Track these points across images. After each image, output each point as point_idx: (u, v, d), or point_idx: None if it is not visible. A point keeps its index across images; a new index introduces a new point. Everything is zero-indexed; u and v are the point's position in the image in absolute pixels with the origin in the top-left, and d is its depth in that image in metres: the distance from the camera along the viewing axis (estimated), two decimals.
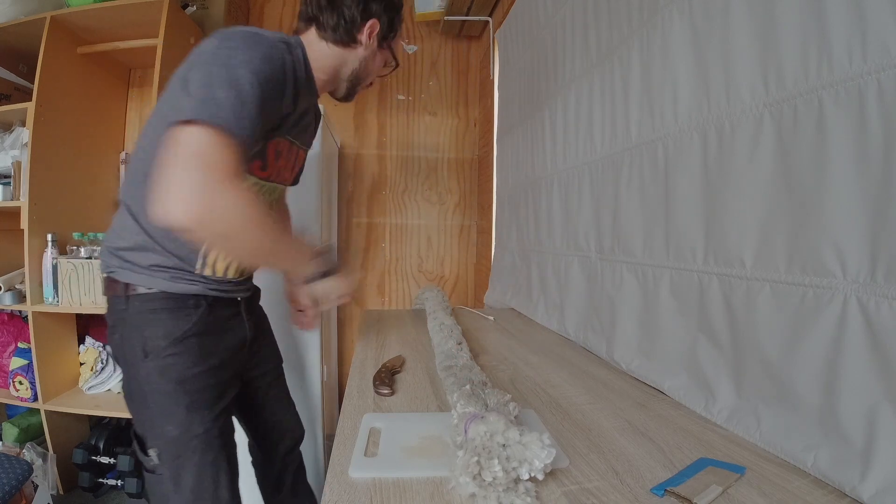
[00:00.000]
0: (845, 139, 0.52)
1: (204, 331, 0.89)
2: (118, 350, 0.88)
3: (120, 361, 0.89)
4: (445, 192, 2.47)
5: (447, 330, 1.09)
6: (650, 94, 0.89)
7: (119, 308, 0.87)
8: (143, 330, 0.85)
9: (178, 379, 0.85)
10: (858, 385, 0.51)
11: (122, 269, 0.87)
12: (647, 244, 0.91)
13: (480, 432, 0.52)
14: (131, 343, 0.85)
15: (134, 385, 0.87)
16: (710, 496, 0.50)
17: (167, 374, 0.85)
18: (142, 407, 0.87)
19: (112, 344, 0.90)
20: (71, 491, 1.91)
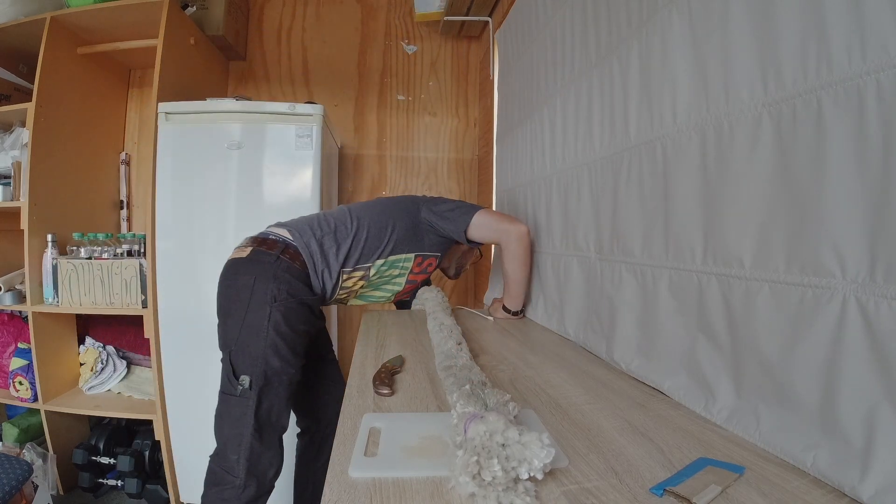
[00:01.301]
0: (844, 139, 0.52)
1: (312, 306, 1.20)
2: (245, 290, 1.11)
3: (240, 300, 1.11)
4: (445, 193, 2.47)
5: (447, 330, 1.09)
6: (649, 94, 0.89)
7: (267, 260, 1.14)
8: (280, 283, 1.12)
9: (292, 326, 1.12)
10: (858, 385, 0.51)
11: (306, 245, 1.20)
12: (647, 244, 0.91)
13: (480, 432, 0.52)
14: (265, 288, 1.10)
15: (253, 319, 1.09)
16: (710, 496, 0.50)
17: (287, 319, 1.11)
18: (253, 339, 1.08)
19: (236, 286, 1.13)
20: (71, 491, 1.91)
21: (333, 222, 1.27)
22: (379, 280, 1.34)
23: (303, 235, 1.21)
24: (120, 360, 2.03)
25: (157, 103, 1.73)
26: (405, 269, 1.36)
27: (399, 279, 1.38)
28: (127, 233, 2.13)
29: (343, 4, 2.42)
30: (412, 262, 1.37)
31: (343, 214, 1.31)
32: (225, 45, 2.22)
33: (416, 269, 1.39)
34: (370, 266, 1.29)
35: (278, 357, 1.09)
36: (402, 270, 1.36)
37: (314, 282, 1.21)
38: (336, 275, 1.24)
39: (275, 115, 1.73)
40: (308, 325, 1.18)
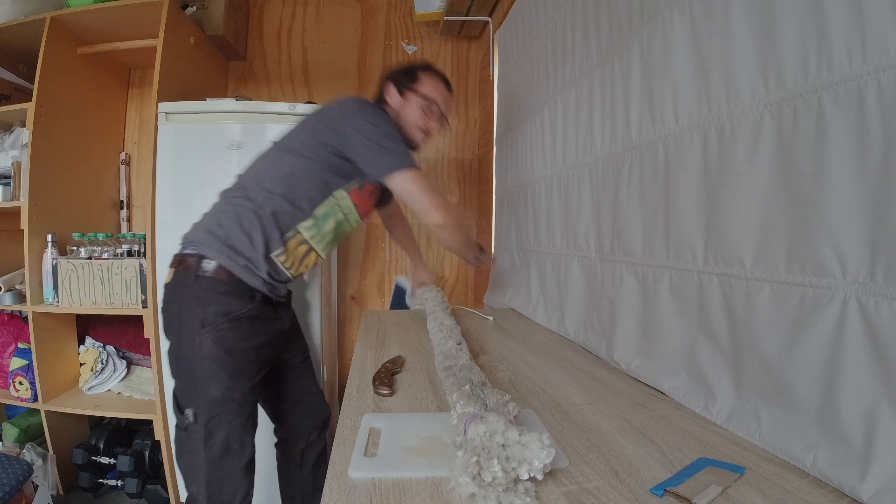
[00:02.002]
0: (845, 139, 0.52)
1: (254, 316, 1.08)
2: (174, 320, 1.05)
3: (171, 330, 1.06)
4: (445, 193, 2.47)
5: (447, 330, 1.09)
6: (650, 95, 0.89)
7: (186, 283, 1.05)
8: (206, 305, 1.03)
9: (228, 349, 1.03)
10: (858, 385, 0.51)
11: (209, 246, 1.06)
12: (647, 244, 0.91)
13: (480, 432, 0.52)
14: (191, 314, 1.02)
15: (185, 350, 1.02)
16: (710, 496, 0.50)
17: (221, 343, 1.02)
18: (189, 370, 1.02)
19: (168, 313, 1.07)
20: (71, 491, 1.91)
21: (234, 214, 1.09)
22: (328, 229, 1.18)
23: (212, 243, 1.06)
24: (120, 360, 2.02)
25: (157, 103, 1.72)
26: (347, 207, 1.19)
27: (350, 216, 1.21)
28: (127, 233, 2.13)
29: (343, 4, 2.42)
30: (349, 199, 1.19)
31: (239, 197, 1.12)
32: (225, 45, 2.22)
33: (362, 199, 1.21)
34: (298, 232, 1.13)
35: (219, 386, 1.01)
36: (346, 210, 1.19)
37: (250, 282, 1.07)
38: (264, 264, 1.08)
39: (275, 115, 1.73)
40: (256, 339, 1.08)
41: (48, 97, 1.80)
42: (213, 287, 1.04)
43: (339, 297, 2.36)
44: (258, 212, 1.09)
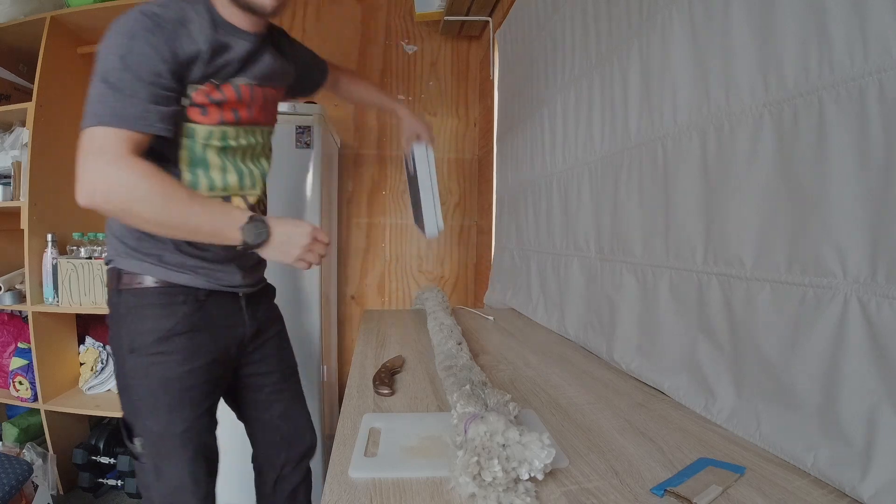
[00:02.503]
0: (846, 139, 0.52)
1: (192, 328, 0.89)
2: (110, 342, 0.92)
3: (112, 353, 0.93)
4: (445, 192, 2.47)
5: (447, 330, 1.09)
6: (650, 94, 0.89)
7: (113, 301, 0.90)
8: (131, 325, 0.87)
9: (161, 378, 0.86)
10: (858, 385, 0.50)
11: (118, 254, 0.90)
12: (647, 244, 0.91)
13: (480, 432, 0.52)
14: (118, 337, 0.88)
15: (121, 377, 0.90)
16: (710, 496, 0.50)
17: (151, 373, 0.86)
18: (127, 399, 0.89)
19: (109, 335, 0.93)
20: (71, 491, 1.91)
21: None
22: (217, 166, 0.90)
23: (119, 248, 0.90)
24: None
25: None
26: (210, 132, 0.87)
27: (228, 136, 0.90)
28: None
29: (343, 4, 2.42)
30: (200, 125, 0.86)
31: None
32: None
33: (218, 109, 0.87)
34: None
35: (157, 420, 0.86)
36: (212, 136, 0.87)
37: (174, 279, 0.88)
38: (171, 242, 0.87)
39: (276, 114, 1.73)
40: (197, 359, 0.88)
41: (48, 97, 1.80)
42: (134, 301, 0.87)
43: (339, 297, 2.36)
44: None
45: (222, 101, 0.87)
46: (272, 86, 0.98)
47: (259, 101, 0.94)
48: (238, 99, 0.89)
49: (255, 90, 0.92)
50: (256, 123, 0.96)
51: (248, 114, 0.93)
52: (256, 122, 0.96)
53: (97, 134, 0.73)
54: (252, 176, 0.96)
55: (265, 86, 0.95)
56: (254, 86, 0.92)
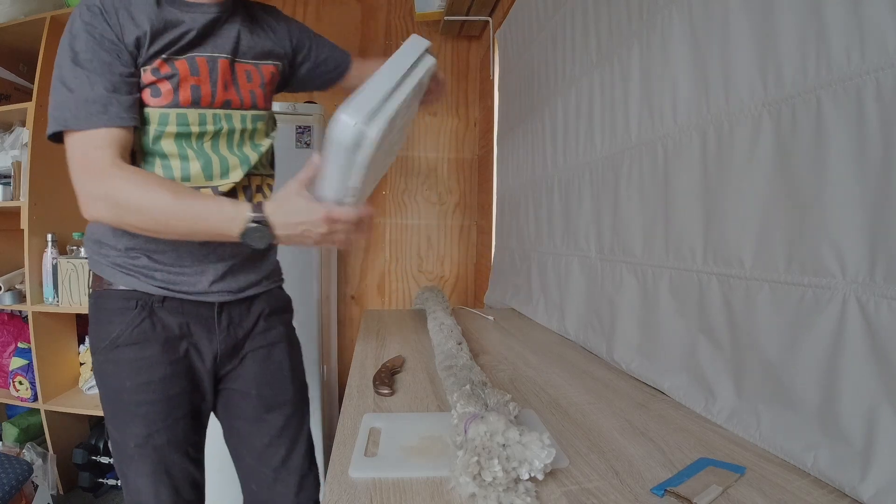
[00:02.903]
0: (844, 138, 0.52)
1: (138, 339, 0.80)
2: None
3: None
4: (445, 192, 2.47)
5: (447, 330, 1.09)
6: (650, 94, 0.89)
7: (89, 304, 0.86)
8: (92, 327, 0.84)
9: (112, 389, 0.82)
10: (858, 385, 0.51)
11: (89, 251, 0.86)
12: (647, 244, 0.91)
13: (480, 432, 0.52)
14: (91, 339, 0.85)
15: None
16: (710, 496, 0.50)
17: (105, 382, 0.82)
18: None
19: None
20: (71, 491, 1.91)
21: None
22: (175, 154, 0.81)
23: (89, 248, 0.86)
24: None
25: None
26: (166, 117, 0.79)
27: (190, 121, 0.81)
28: None
29: (343, 4, 2.42)
30: (156, 109, 0.79)
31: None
32: None
33: (171, 89, 0.79)
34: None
35: (112, 425, 0.82)
36: (170, 122, 0.79)
37: (126, 282, 0.81)
38: (126, 240, 0.81)
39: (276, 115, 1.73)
40: (148, 373, 0.80)
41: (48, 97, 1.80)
42: (94, 303, 0.84)
43: (339, 297, 2.36)
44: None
45: (173, 76, 0.78)
46: (246, 61, 0.87)
47: (225, 76, 0.83)
48: (194, 72, 0.80)
49: (218, 63, 0.82)
50: (228, 105, 0.84)
51: (211, 91, 0.81)
52: (228, 104, 0.84)
53: (74, 144, 0.75)
54: (224, 163, 0.84)
55: (235, 60, 0.85)
56: (217, 59, 0.82)
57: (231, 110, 0.85)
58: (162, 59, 0.78)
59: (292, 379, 0.96)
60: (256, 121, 0.90)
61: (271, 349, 0.94)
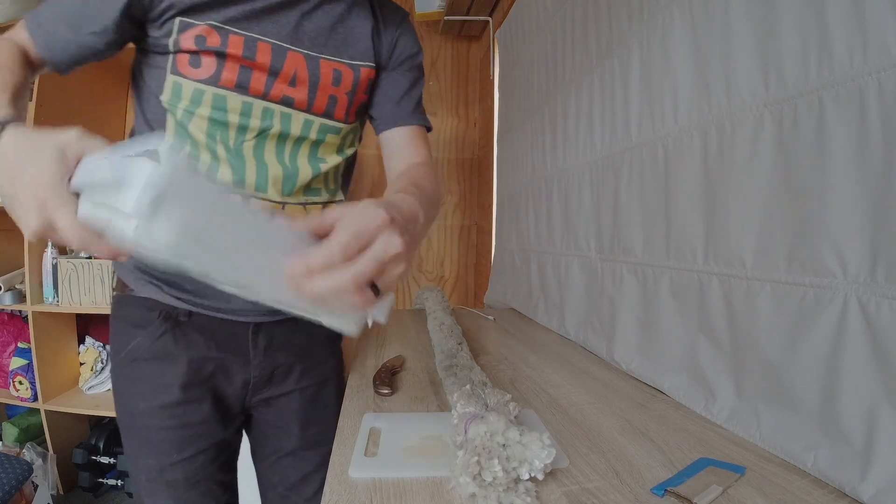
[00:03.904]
0: (846, 139, 0.52)
1: (158, 355, 0.71)
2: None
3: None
4: (445, 192, 2.47)
5: (447, 329, 1.09)
6: (650, 94, 0.89)
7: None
8: (112, 332, 0.75)
9: (126, 408, 0.73)
10: (858, 385, 0.51)
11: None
12: (647, 244, 0.91)
13: (480, 432, 0.52)
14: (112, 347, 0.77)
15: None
16: (711, 496, 0.50)
17: (118, 397, 0.74)
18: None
19: None
20: (71, 491, 1.91)
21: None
22: (203, 142, 0.68)
23: None
24: None
25: None
26: (199, 96, 0.66)
27: (230, 106, 0.66)
28: None
29: None
30: (189, 81, 0.66)
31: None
32: None
33: (218, 64, 0.65)
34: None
35: (126, 451, 0.76)
36: (206, 103, 0.66)
37: (149, 292, 0.72)
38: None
39: None
40: (168, 395, 0.71)
41: (48, 97, 1.80)
42: (116, 309, 0.75)
43: None
44: None
45: (221, 52, 0.64)
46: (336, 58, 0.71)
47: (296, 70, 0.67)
48: (248, 55, 0.65)
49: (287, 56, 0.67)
50: (289, 103, 0.69)
51: (265, 83, 0.67)
52: (289, 101, 0.69)
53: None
54: (262, 173, 0.69)
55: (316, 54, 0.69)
56: (287, 51, 0.67)
57: (292, 109, 0.70)
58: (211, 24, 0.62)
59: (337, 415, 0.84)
60: (326, 132, 0.73)
61: (321, 388, 0.84)
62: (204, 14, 0.63)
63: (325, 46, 0.70)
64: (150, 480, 0.72)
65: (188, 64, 0.64)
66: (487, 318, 1.53)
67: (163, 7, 0.62)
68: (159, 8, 0.62)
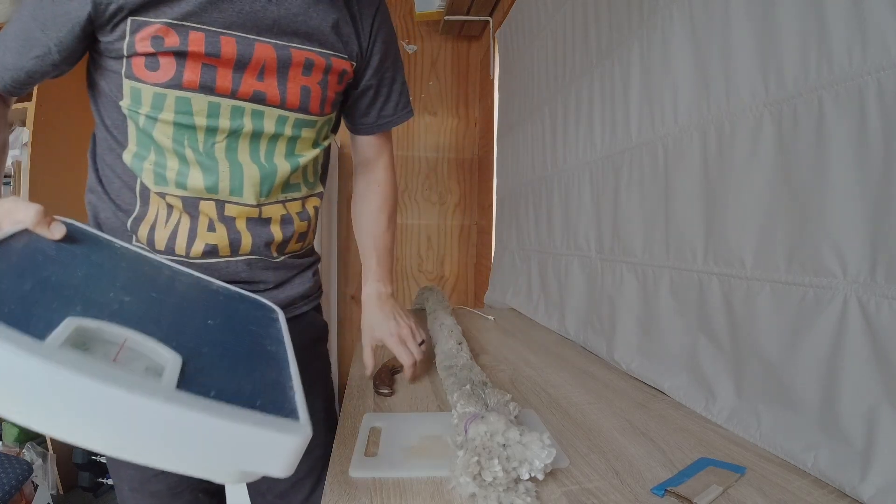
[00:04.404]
0: (845, 139, 0.52)
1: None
2: None
3: None
4: (445, 192, 2.47)
5: (447, 330, 1.09)
6: (650, 94, 0.89)
7: None
8: None
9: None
10: (858, 385, 0.51)
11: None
12: (648, 244, 0.91)
13: (480, 432, 0.52)
14: None
15: None
16: (711, 496, 0.50)
17: None
18: None
19: None
20: (71, 491, 1.91)
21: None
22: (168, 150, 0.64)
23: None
24: None
25: None
26: (153, 97, 0.62)
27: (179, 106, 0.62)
28: None
29: None
30: (142, 83, 0.62)
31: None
32: None
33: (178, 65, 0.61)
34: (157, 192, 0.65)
35: (108, 459, 0.75)
36: (166, 106, 0.62)
37: None
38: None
39: None
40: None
41: (48, 97, 1.80)
42: None
43: (339, 297, 2.36)
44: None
45: (181, 52, 0.59)
46: (308, 47, 0.66)
47: (266, 62, 0.63)
48: (211, 52, 0.60)
49: (254, 48, 0.62)
50: (260, 99, 0.65)
51: (232, 80, 0.62)
52: (261, 97, 0.65)
53: None
54: (237, 175, 0.66)
55: (286, 42, 0.64)
56: (254, 42, 0.62)
57: (264, 106, 0.65)
58: (167, 23, 0.58)
59: (326, 419, 0.83)
60: (301, 127, 0.70)
61: (307, 391, 0.81)
62: (157, 10, 0.58)
63: (294, 34, 0.65)
64: (132, 490, 0.71)
65: (144, 67, 0.60)
66: (487, 318, 1.52)
67: (111, 10, 0.58)
68: (108, 13, 0.58)
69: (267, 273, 0.73)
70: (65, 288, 0.40)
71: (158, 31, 0.58)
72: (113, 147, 0.66)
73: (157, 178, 0.65)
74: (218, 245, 0.68)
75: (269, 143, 0.68)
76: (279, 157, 0.70)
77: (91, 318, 0.36)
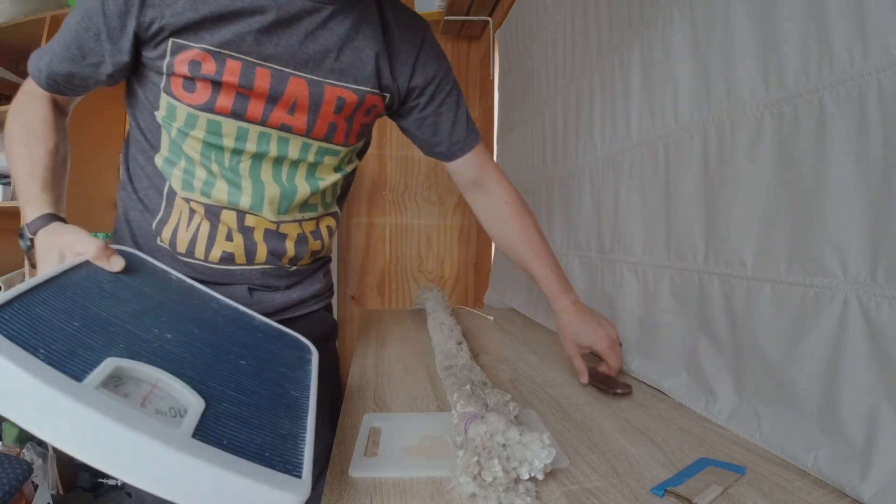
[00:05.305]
0: (846, 139, 0.52)
1: None
2: None
3: None
4: (445, 192, 2.47)
5: (447, 329, 1.09)
6: (650, 94, 0.89)
7: None
8: None
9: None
10: (859, 385, 0.50)
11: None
12: (648, 244, 0.91)
13: (480, 432, 0.52)
14: None
15: None
16: (711, 496, 0.50)
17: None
18: None
19: None
20: (71, 491, 1.91)
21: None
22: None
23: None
24: None
25: None
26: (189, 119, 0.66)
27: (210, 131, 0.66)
28: None
29: None
30: (181, 103, 0.66)
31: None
32: None
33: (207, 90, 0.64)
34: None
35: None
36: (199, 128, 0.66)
37: None
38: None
39: None
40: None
41: None
42: None
43: (339, 297, 2.36)
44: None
45: (216, 81, 0.62)
46: (341, 84, 0.68)
47: (297, 97, 0.65)
48: (245, 84, 0.63)
49: (289, 82, 0.64)
50: (287, 129, 0.68)
51: (263, 111, 0.65)
52: (287, 128, 0.68)
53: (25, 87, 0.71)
54: (258, 192, 0.69)
55: (320, 78, 0.66)
56: (289, 76, 0.64)
57: (290, 134, 0.68)
58: (205, 49, 0.60)
59: (331, 419, 0.81)
60: (324, 154, 0.72)
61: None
62: (197, 35, 0.60)
63: (330, 70, 0.67)
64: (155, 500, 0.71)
65: (182, 88, 0.63)
66: (487, 318, 1.52)
67: (155, 29, 0.60)
68: (152, 30, 0.61)
69: (280, 280, 0.78)
70: (112, 324, 0.45)
71: (196, 56, 0.61)
72: (145, 149, 0.71)
73: (184, 185, 0.69)
74: (234, 254, 0.72)
75: (291, 166, 0.72)
76: (300, 178, 0.73)
77: (130, 357, 0.41)
